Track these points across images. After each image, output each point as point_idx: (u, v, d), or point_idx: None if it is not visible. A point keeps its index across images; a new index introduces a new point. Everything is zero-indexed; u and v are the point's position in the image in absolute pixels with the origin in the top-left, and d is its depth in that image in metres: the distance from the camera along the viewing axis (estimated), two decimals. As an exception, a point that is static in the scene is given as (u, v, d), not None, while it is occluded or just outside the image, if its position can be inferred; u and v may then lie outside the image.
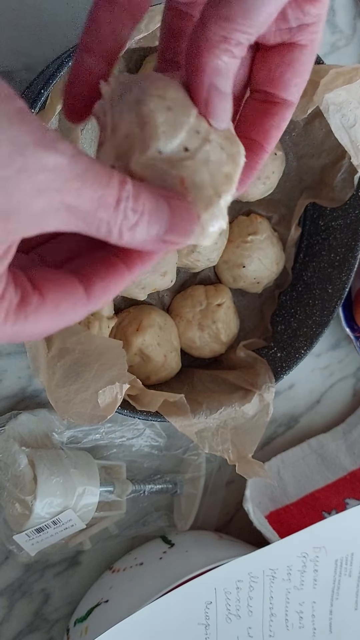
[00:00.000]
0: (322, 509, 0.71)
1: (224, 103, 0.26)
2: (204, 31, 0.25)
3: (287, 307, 0.67)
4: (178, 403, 0.55)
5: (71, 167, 0.21)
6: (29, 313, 0.23)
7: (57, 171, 0.21)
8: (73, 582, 0.64)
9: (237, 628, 0.56)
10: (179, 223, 0.25)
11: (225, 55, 0.25)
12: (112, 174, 0.23)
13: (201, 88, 0.26)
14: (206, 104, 0.26)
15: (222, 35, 0.25)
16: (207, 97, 0.26)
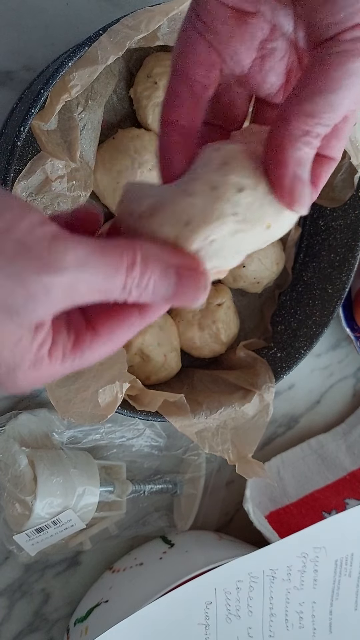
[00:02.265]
0: (322, 509, 0.71)
1: (306, 190, 0.27)
2: (288, 126, 0.26)
3: (287, 307, 0.67)
4: (178, 403, 0.55)
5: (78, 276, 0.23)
6: (85, 349, 0.26)
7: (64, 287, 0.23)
8: (73, 582, 0.64)
9: (237, 628, 0.56)
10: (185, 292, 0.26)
11: (306, 147, 0.26)
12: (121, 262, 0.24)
13: (285, 179, 0.27)
14: (291, 193, 0.27)
15: (305, 130, 0.26)
16: (291, 187, 0.27)
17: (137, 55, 0.55)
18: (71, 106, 0.49)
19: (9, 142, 0.47)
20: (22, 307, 0.23)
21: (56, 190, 0.49)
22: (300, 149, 0.26)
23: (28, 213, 0.24)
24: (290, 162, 0.26)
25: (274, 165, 0.27)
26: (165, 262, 0.26)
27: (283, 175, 0.27)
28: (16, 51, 0.53)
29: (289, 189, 0.27)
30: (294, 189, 0.27)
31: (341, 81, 0.25)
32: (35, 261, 0.23)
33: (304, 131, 0.26)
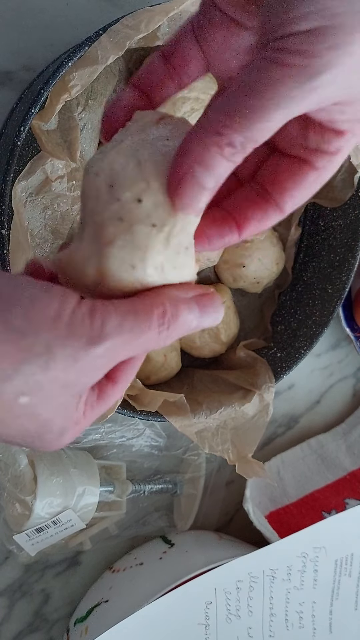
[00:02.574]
0: (322, 509, 0.71)
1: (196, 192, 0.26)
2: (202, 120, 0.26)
3: (287, 307, 0.67)
4: (178, 403, 0.55)
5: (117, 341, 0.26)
6: (107, 399, 0.30)
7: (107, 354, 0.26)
8: (73, 582, 0.64)
9: (237, 628, 0.56)
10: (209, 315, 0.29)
11: (214, 149, 0.25)
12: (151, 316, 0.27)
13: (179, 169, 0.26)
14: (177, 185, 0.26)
15: (215, 130, 0.24)
16: (180, 180, 0.26)
17: (137, 55, 0.55)
18: (71, 106, 0.49)
19: (9, 142, 0.47)
20: (74, 380, 0.26)
21: (56, 190, 0.49)
22: (206, 146, 0.25)
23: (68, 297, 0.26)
24: (190, 155, 0.25)
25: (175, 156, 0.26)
26: (186, 299, 0.28)
27: (178, 164, 0.26)
28: (16, 51, 0.53)
29: (178, 180, 0.26)
30: (182, 183, 0.25)
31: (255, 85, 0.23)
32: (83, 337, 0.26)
33: (214, 130, 0.24)
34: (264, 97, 0.23)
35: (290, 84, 0.23)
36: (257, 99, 0.23)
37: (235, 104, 0.24)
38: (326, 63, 0.23)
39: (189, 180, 0.25)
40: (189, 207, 0.26)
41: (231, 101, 0.24)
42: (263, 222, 0.29)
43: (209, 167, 0.25)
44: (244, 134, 0.24)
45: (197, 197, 0.26)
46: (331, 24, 0.22)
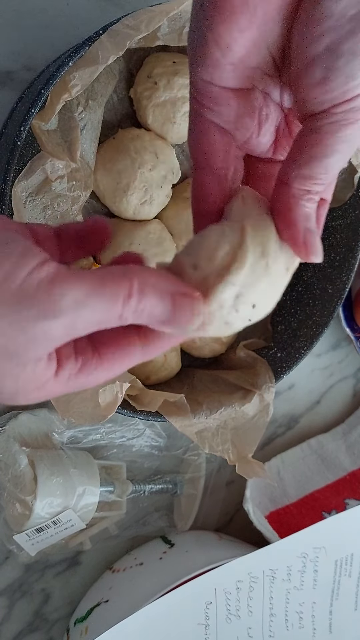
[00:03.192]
0: (322, 509, 0.71)
1: (316, 239, 0.30)
2: (291, 190, 0.29)
3: (287, 307, 0.67)
4: (178, 403, 0.55)
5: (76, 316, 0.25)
6: (89, 374, 0.28)
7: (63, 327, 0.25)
8: (73, 582, 0.64)
9: (237, 628, 0.56)
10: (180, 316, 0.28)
11: (310, 202, 0.30)
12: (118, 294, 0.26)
13: (298, 236, 0.30)
14: (306, 246, 0.30)
15: (305, 190, 0.29)
16: (305, 241, 0.30)
17: (138, 55, 0.55)
18: (71, 106, 0.49)
19: (9, 142, 0.47)
20: (23, 350, 0.25)
21: (56, 190, 0.49)
22: (305, 206, 0.30)
23: (26, 258, 0.25)
24: (300, 220, 0.30)
25: (286, 226, 0.30)
26: (160, 290, 0.27)
27: (297, 232, 0.30)
28: (16, 51, 0.53)
29: (304, 243, 0.30)
30: (308, 242, 0.30)
31: (334, 147, 0.28)
32: (34, 308, 0.24)
33: (305, 191, 0.29)
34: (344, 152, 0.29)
35: None
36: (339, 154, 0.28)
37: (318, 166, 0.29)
38: None
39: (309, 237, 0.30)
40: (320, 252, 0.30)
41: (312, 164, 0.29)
42: None
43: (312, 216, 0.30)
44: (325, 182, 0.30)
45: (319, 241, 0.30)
46: None
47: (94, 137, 0.52)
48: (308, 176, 0.29)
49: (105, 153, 0.54)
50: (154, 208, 0.56)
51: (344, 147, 0.28)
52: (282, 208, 0.30)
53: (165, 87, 0.53)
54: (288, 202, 0.30)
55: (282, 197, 0.30)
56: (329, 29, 0.26)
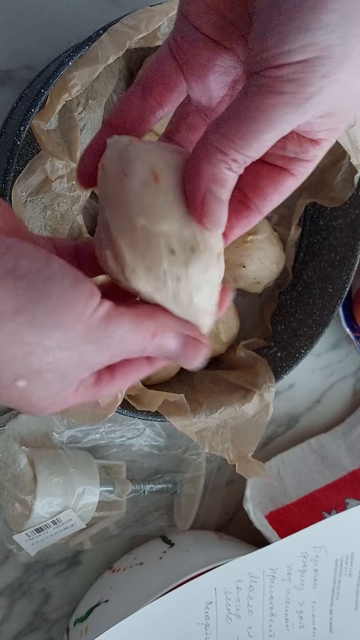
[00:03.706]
0: (322, 509, 0.71)
1: (219, 207, 0.28)
2: (205, 144, 0.27)
3: (287, 307, 0.67)
4: (178, 403, 0.55)
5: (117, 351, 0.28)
6: (102, 387, 0.30)
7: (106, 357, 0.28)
8: (73, 582, 0.64)
9: (237, 628, 0.56)
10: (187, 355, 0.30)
11: (222, 165, 0.27)
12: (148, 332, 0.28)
13: (198, 191, 0.28)
14: (202, 206, 0.28)
15: (217, 148, 0.27)
16: (203, 200, 0.28)
17: (137, 55, 0.55)
18: (71, 106, 0.49)
19: (9, 142, 0.47)
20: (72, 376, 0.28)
21: (56, 190, 0.49)
22: (215, 165, 0.27)
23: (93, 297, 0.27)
24: (205, 176, 0.28)
25: (189, 178, 0.28)
26: (177, 331, 0.30)
27: (197, 186, 0.28)
28: (16, 50, 0.53)
29: (201, 201, 0.28)
30: (207, 202, 0.28)
31: (253, 112, 0.26)
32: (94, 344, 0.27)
33: (217, 150, 0.27)
34: (261, 121, 0.26)
35: (284, 109, 0.26)
36: (255, 124, 0.26)
37: (236, 127, 0.26)
38: (317, 90, 0.25)
39: (211, 199, 0.28)
40: (218, 222, 0.29)
41: (231, 124, 0.27)
42: (246, 226, 0.32)
43: (223, 182, 0.28)
44: (245, 152, 0.27)
45: (222, 211, 0.28)
46: (323, 55, 0.24)
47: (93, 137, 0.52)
48: (224, 134, 0.27)
49: (105, 153, 0.54)
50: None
51: (262, 115, 0.26)
52: (192, 159, 0.28)
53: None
54: (198, 153, 0.28)
55: (196, 148, 0.28)
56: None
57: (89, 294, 0.27)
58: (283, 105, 0.25)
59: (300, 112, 0.26)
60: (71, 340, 0.27)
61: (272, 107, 0.25)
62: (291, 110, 0.26)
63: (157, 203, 0.28)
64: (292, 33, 0.24)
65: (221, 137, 0.27)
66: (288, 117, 0.26)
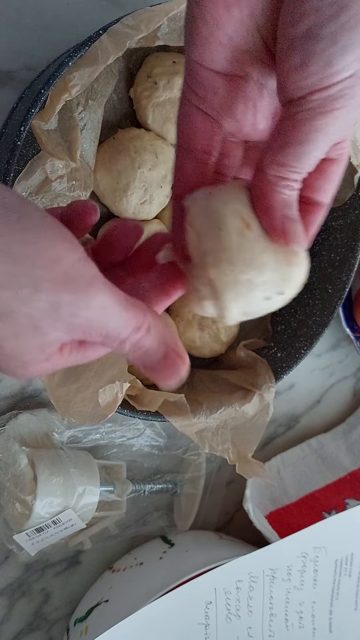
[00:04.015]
0: (322, 509, 0.71)
1: (297, 226, 0.30)
2: (265, 176, 0.29)
3: (287, 307, 0.67)
4: (178, 403, 0.55)
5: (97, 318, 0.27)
6: (87, 349, 0.29)
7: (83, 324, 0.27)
8: (73, 582, 0.64)
9: (237, 628, 0.56)
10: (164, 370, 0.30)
11: (286, 190, 0.29)
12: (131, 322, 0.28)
13: (276, 222, 0.29)
14: (284, 233, 0.29)
15: (279, 177, 0.29)
16: (283, 227, 0.29)
17: (137, 55, 0.55)
18: (71, 106, 0.49)
19: (9, 142, 0.47)
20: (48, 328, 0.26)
21: (56, 190, 0.49)
22: (281, 192, 0.29)
23: (75, 248, 0.26)
24: (276, 206, 0.29)
25: (263, 212, 0.30)
26: (162, 338, 0.29)
27: (274, 219, 0.29)
28: (17, 51, 0.53)
29: (282, 228, 0.29)
30: (287, 229, 0.29)
31: (308, 135, 0.28)
32: (73, 295, 0.26)
33: (279, 178, 0.29)
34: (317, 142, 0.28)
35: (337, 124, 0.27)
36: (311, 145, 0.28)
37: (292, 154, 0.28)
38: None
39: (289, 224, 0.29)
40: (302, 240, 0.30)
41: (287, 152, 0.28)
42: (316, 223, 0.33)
43: (291, 203, 0.30)
44: (302, 170, 0.29)
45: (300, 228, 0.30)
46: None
47: (93, 137, 0.52)
48: (281, 163, 0.28)
49: (105, 153, 0.54)
50: (153, 208, 0.56)
51: (317, 136, 0.28)
52: (259, 194, 0.30)
53: (165, 87, 0.53)
54: (263, 189, 0.29)
55: (258, 184, 0.29)
56: (310, 10, 0.25)
57: (71, 241, 0.26)
58: (336, 120, 0.27)
59: (352, 119, 0.28)
60: (49, 280, 0.25)
61: (325, 126, 0.27)
62: (343, 122, 0.27)
63: (256, 252, 0.30)
64: (338, 55, 0.26)
65: (279, 166, 0.28)
66: (340, 127, 0.28)
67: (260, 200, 0.30)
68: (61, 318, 0.26)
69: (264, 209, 0.29)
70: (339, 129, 0.28)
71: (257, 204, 0.30)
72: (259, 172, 0.29)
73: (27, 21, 0.53)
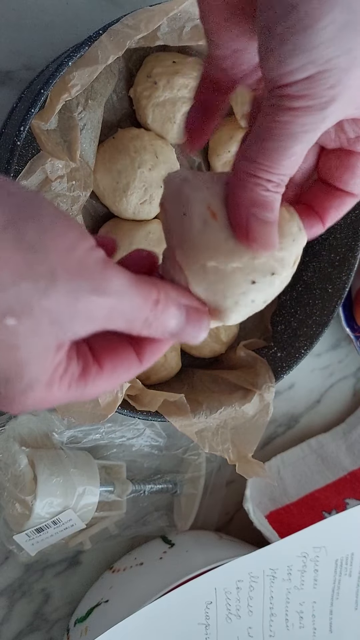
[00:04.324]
0: (322, 509, 0.71)
1: (264, 228, 0.28)
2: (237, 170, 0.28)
3: (287, 307, 0.67)
4: (178, 403, 0.55)
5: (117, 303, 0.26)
6: (89, 382, 0.27)
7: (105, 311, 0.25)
8: (73, 582, 0.64)
9: (237, 628, 0.56)
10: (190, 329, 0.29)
11: (258, 189, 0.28)
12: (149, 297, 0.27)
13: (240, 219, 0.28)
14: (247, 232, 0.28)
15: (249, 173, 0.28)
16: (247, 226, 0.28)
17: (137, 55, 0.55)
18: (71, 106, 0.49)
19: (9, 142, 0.47)
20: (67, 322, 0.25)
21: (56, 190, 0.49)
22: (252, 189, 0.28)
23: (87, 236, 0.26)
24: (243, 203, 0.28)
25: (230, 207, 0.29)
26: (177, 300, 0.28)
27: (238, 214, 0.28)
28: (16, 51, 0.53)
29: (245, 227, 0.28)
30: (251, 227, 0.28)
31: (272, 131, 0.27)
32: (89, 282, 0.25)
33: (249, 174, 0.28)
34: (281, 138, 0.26)
35: (300, 122, 0.26)
36: (276, 141, 0.27)
37: (259, 149, 0.27)
38: (330, 99, 0.26)
39: (254, 223, 0.28)
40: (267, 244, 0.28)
41: (254, 147, 0.27)
42: (341, 208, 0.32)
43: (264, 204, 0.28)
44: (276, 171, 0.27)
45: (269, 232, 0.28)
46: (327, 68, 0.25)
47: (93, 136, 0.52)
48: (251, 159, 0.27)
49: (105, 153, 0.54)
50: (153, 208, 0.56)
51: (280, 132, 0.26)
52: (230, 188, 0.29)
53: (165, 87, 0.53)
54: (233, 183, 0.28)
55: (231, 177, 0.29)
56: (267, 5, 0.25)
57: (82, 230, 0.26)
58: (298, 119, 0.26)
59: (319, 121, 0.26)
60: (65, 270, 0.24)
61: (288, 124, 0.26)
62: (308, 122, 0.26)
63: (221, 240, 0.28)
64: (288, 55, 0.25)
65: (248, 162, 0.27)
66: (307, 128, 0.26)
67: (230, 195, 0.29)
68: (82, 310, 0.25)
69: (231, 204, 0.29)
70: (306, 129, 0.26)
71: (228, 198, 0.29)
72: (233, 167, 0.29)
73: (27, 21, 0.53)
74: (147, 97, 0.54)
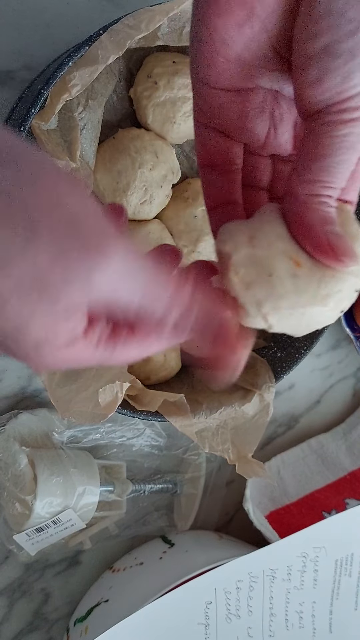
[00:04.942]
0: (322, 509, 0.71)
1: (344, 241, 0.28)
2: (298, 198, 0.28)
3: (287, 307, 0.67)
4: (178, 403, 0.55)
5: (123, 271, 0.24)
6: (118, 343, 0.26)
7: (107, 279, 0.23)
8: (73, 582, 0.64)
9: (237, 628, 0.56)
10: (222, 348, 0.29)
11: (322, 206, 0.28)
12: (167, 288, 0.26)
13: (320, 240, 0.28)
14: (332, 250, 0.28)
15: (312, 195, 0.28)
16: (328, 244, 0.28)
17: (138, 55, 0.55)
18: (71, 106, 0.49)
19: (9, 142, 0.47)
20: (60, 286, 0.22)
21: (56, 189, 0.49)
22: (318, 209, 0.28)
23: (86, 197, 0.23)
24: (316, 224, 0.28)
25: (304, 235, 0.28)
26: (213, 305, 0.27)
27: (316, 237, 0.28)
28: (17, 51, 0.53)
29: (328, 245, 0.28)
30: (333, 243, 0.28)
31: (332, 147, 0.27)
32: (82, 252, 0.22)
33: (312, 195, 0.28)
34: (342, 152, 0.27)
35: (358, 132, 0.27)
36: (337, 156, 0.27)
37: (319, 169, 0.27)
38: None
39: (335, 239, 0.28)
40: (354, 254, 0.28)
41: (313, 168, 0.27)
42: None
43: (333, 219, 0.28)
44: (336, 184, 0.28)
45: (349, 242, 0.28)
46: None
47: (93, 136, 0.52)
48: (311, 180, 0.28)
49: (105, 153, 0.54)
50: (154, 208, 0.56)
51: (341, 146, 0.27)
52: (295, 218, 0.28)
53: (165, 87, 0.53)
54: (298, 211, 0.28)
55: (292, 207, 0.28)
56: (327, 28, 0.25)
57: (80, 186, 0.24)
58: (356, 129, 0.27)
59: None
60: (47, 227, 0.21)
61: (347, 136, 0.27)
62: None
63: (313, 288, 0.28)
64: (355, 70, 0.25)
65: (310, 184, 0.28)
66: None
67: (298, 223, 0.28)
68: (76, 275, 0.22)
69: (304, 232, 0.28)
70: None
71: (296, 228, 0.28)
72: (291, 196, 0.28)
73: (27, 21, 0.53)
74: (148, 97, 0.54)
